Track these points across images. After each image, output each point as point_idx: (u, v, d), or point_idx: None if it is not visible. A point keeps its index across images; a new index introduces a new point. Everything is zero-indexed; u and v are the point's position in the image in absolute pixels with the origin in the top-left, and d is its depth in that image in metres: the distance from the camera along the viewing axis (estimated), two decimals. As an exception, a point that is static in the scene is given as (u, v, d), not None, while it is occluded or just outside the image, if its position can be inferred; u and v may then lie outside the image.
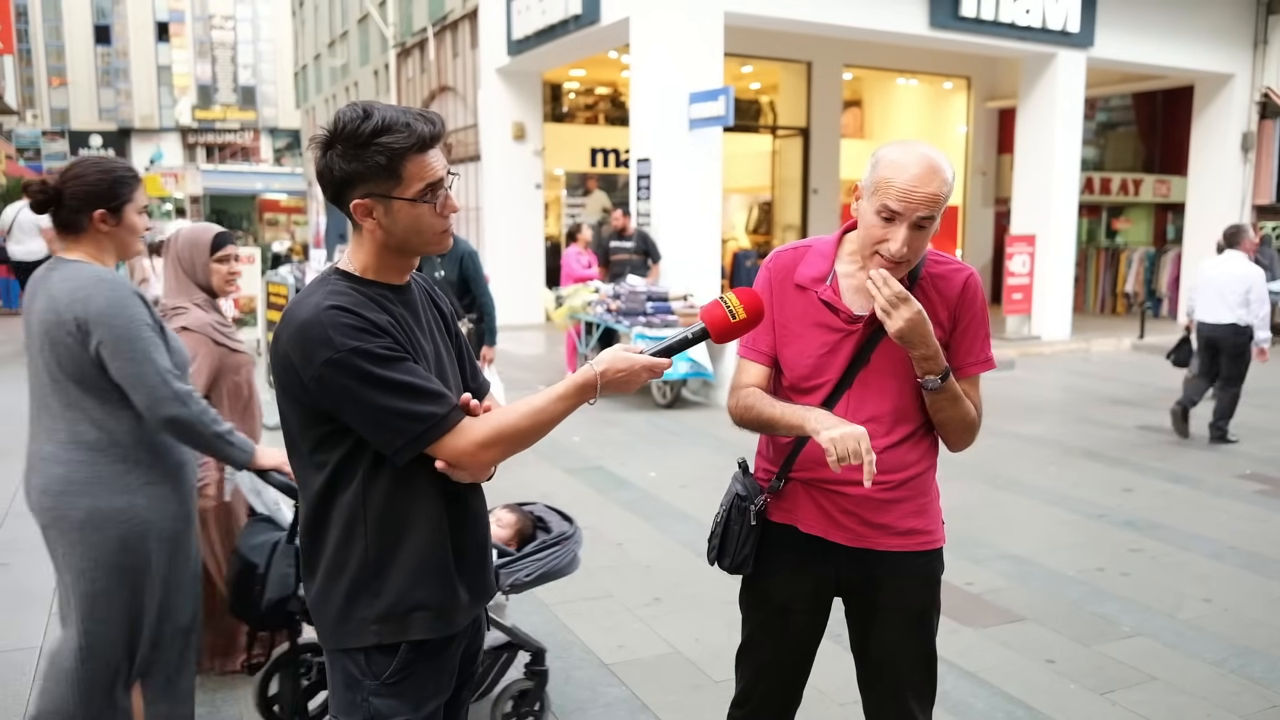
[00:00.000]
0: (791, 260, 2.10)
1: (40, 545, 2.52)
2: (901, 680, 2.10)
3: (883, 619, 2.09)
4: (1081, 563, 4.71)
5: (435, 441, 1.64)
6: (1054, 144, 12.75)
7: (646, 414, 8.17)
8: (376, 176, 1.62)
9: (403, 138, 1.61)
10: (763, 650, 2.18)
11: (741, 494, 2.12)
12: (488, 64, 14.80)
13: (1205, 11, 13.37)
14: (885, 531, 2.03)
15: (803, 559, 2.09)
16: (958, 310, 2.03)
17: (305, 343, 1.60)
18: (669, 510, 5.49)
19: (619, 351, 1.74)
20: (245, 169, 41.33)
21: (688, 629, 3.90)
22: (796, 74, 15.46)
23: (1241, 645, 3.79)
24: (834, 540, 2.05)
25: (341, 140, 1.62)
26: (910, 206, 1.87)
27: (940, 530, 2.12)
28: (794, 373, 2.07)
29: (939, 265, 2.06)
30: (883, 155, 1.94)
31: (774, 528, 2.11)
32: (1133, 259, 15.88)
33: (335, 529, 1.70)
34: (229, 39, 71.71)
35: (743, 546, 2.11)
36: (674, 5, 10.29)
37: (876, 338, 2.00)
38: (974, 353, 2.06)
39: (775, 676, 2.19)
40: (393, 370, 1.61)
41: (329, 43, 29.76)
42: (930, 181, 1.87)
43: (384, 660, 1.71)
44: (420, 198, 1.65)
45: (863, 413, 2.00)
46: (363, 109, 1.62)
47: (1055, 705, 3.31)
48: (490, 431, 1.67)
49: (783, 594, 2.13)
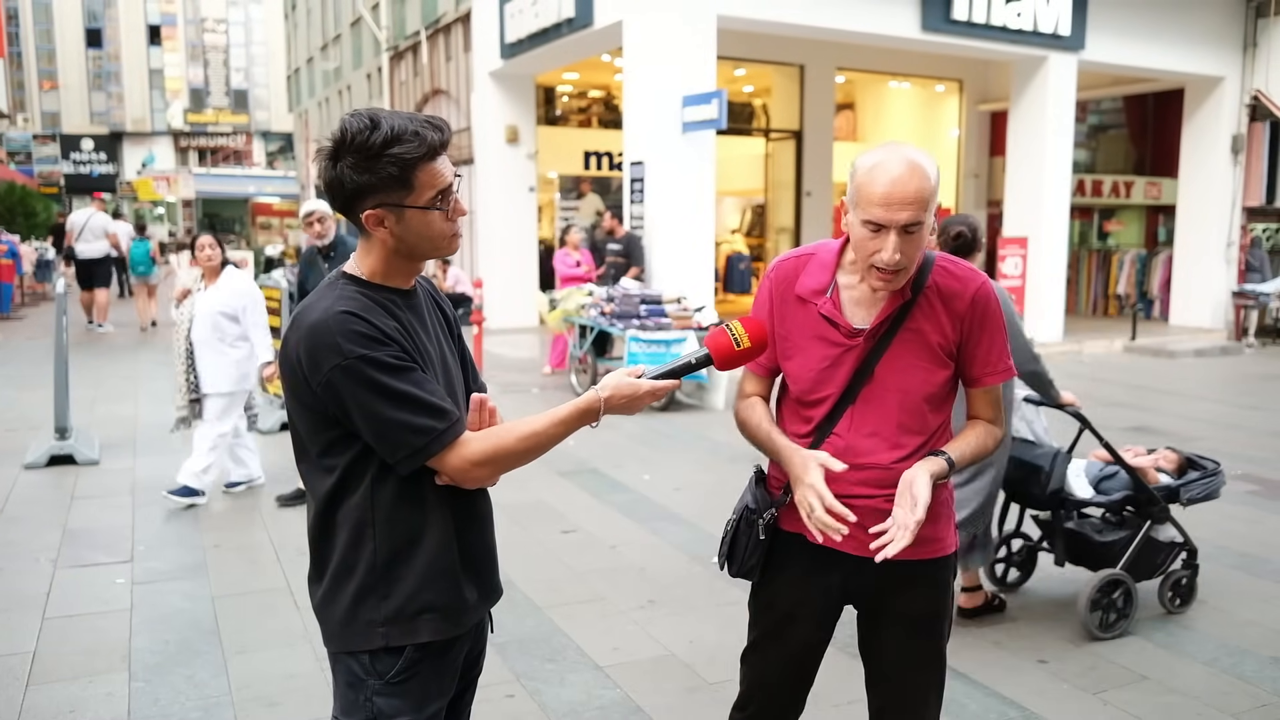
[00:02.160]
0: (793, 270, 2.06)
1: (32, 548, 2.52)
2: (910, 686, 2.10)
3: (892, 626, 2.08)
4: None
5: (435, 455, 1.66)
6: (1045, 147, 12.80)
7: (641, 417, 8.17)
8: (388, 187, 1.63)
9: (413, 147, 1.61)
10: (767, 655, 2.17)
11: (751, 506, 2.11)
12: (481, 67, 14.81)
13: (1195, 15, 13.43)
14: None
15: (811, 568, 2.08)
16: (968, 324, 1.98)
17: (314, 348, 1.61)
18: (663, 513, 5.50)
19: (624, 377, 1.75)
20: (238, 172, 41.23)
21: (682, 631, 3.90)
22: (789, 77, 15.49)
23: (1233, 645, 3.81)
24: (843, 550, 2.03)
25: (351, 152, 1.61)
26: (893, 213, 1.82)
27: (951, 537, 2.10)
28: (798, 386, 2.06)
29: (948, 275, 1.99)
30: (859, 165, 1.89)
31: (784, 536, 2.10)
32: (1124, 261, 15.93)
33: (344, 532, 1.71)
34: (221, 42, 71.62)
35: (750, 556, 2.11)
36: (667, 8, 10.31)
37: (879, 351, 1.97)
38: (990, 363, 2.02)
39: (778, 683, 2.18)
40: (399, 380, 1.62)
41: (322, 46, 29.71)
42: (909, 183, 1.81)
43: (389, 660, 1.72)
44: (431, 205, 1.66)
45: (866, 427, 1.98)
46: (369, 118, 1.61)
47: (1048, 705, 3.32)
48: (486, 450, 1.69)
49: (790, 601, 2.12)
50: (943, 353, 1.99)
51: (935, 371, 1.99)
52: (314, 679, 3.45)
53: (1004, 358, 2.04)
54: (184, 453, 6.70)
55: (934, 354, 1.98)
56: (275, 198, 35.22)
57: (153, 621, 3.96)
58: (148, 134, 64.30)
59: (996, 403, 2.09)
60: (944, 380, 2.01)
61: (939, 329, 1.97)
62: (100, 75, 70.11)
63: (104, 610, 4.09)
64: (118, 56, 69.50)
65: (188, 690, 3.38)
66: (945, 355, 1.99)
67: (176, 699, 3.31)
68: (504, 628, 3.88)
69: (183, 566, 4.61)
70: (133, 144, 60.04)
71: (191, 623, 3.95)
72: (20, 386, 9.21)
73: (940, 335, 1.97)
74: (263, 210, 34.93)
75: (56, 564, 4.57)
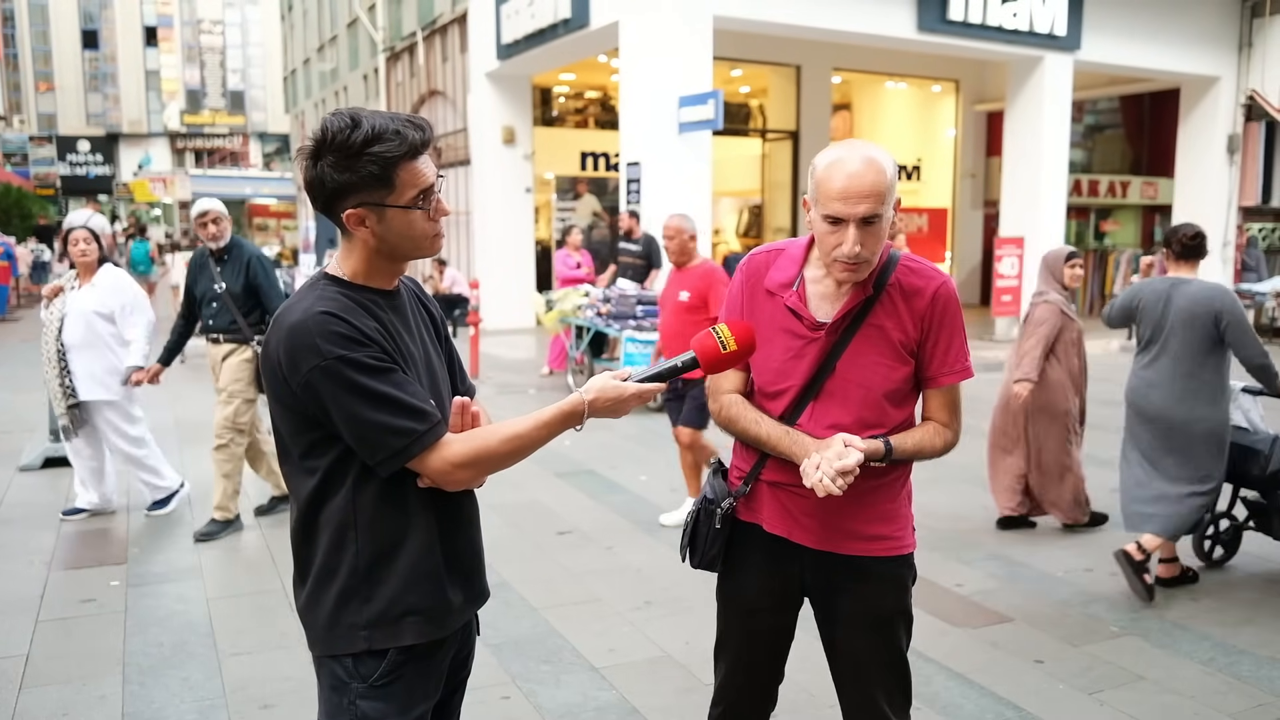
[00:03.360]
0: (764, 264, 2.10)
1: (26, 550, 2.51)
2: (871, 682, 2.10)
3: (848, 622, 2.10)
4: (1070, 563, 4.72)
5: (415, 457, 1.64)
6: (1042, 147, 12.82)
7: (637, 418, 8.16)
8: (369, 186, 1.62)
9: (394, 146, 1.60)
10: (733, 648, 2.20)
11: (709, 496, 2.14)
12: (477, 68, 14.80)
13: (1191, 15, 13.46)
14: (849, 535, 2.04)
15: (769, 559, 2.11)
16: (927, 321, 2.00)
17: (293, 349, 1.60)
18: (659, 514, 5.49)
19: (608, 380, 1.74)
20: (234, 174, 41.26)
21: (678, 632, 3.90)
22: (786, 77, 15.51)
23: (1229, 644, 3.81)
24: (797, 541, 2.06)
25: (332, 150, 1.60)
26: (849, 206, 1.86)
27: (909, 536, 2.11)
28: (760, 377, 2.08)
29: (910, 274, 2.01)
30: (818, 162, 1.94)
31: (742, 526, 2.13)
32: (1120, 260, 15.96)
33: (326, 534, 1.70)
34: (217, 44, 71.60)
35: (710, 546, 2.14)
36: (663, 9, 10.31)
37: (841, 346, 1.99)
38: (948, 363, 2.03)
39: (747, 675, 2.20)
40: (378, 381, 1.61)
41: (318, 47, 29.68)
42: (864, 176, 1.85)
43: (372, 663, 1.71)
44: (413, 204, 1.65)
45: (826, 420, 2.00)
46: (350, 117, 1.61)
47: (1044, 705, 3.31)
48: (468, 453, 1.67)
49: (749, 592, 2.15)
50: (903, 349, 2.00)
51: (896, 367, 2.01)
52: (309, 681, 3.41)
53: (962, 358, 2.05)
54: (180, 456, 6.69)
55: (895, 350, 2.00)
56: (272, 199, 35.22)
57: (147, 624, 3.95)
58: (144, 135, 64.28)
59: (953, 406, 2.08)
60: (904, 376, 2.02)
61: (900, 326, 1.99)
62: (96, 77, 70.08)
63: (98, 613, 4.07)
64: (114, 58, 69.47)
65: (182, 692, 3.37)
66: (906, 352, 2.01)
67: (171, 701, 3.30)
68: (500, 629, 3.88)
69: (177, 569, 4.59)
70: (129, 145, 60.00)
71: (186, 625, 3.94)
72: (15, 389, 9.20)
73: (901, 332, 1.99)
74: (259, 212, 34.93)
75: (50, 566, 4.56)
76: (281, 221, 33.84)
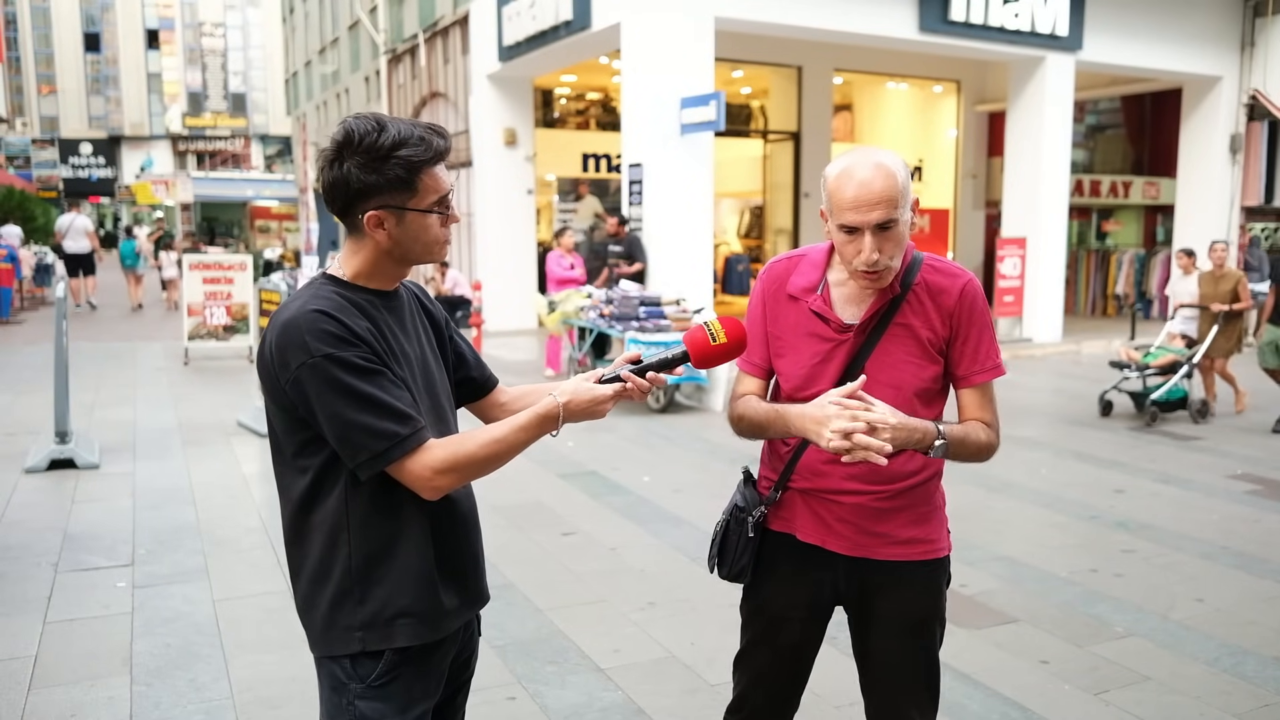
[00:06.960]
0: (784, 271, 2.09)
1: (33, 552, 2.52)
2: (901, 689, 2.09)
3: (882, 628, 2.07)
4: (1074, 564, 4.73)
5: (395, 461, 1.63)
6: (1043, 147, 12.81)
7: (640, 419, 8.17)
8: (394, 188, 1.64)
9: (420, 150, 1.63)
10: (760, 658, 2.17)
11: (740, 504, 2.12)
12: (479, 70, 14.81)
13: (1193, 15, 13.46)
14: (884, 540, 2.02)
15: (801, 568, 2.08)
16: (956, 319, 2.00)
17: (284, 346, 1.62)
18: (663, 515, 5.50)
19: (582, 382, 1.73)
20: (236, 176, 41.22)
21: (683, 633, 3.91)
22: (787, 78, 15.51)
23: (1234, 645, 3.81)
24: (831, 549, 2.04)
25: (360, 152, 1.62)
26: (863, 214, 1.85)
27: (945, 539, 2.10)
28: (789, 383, 2.06)
29: (935, 272, 2.01)
30: (828, 173, 1.93)
31: (772, 536, 2.11)
32: (1123, 261, 15.95)
33: (319, 535, 1.70)
34: (219, 46, 71.63)
35: (740, 556, 2.11)
36: (665, 10, 10.32)
37: (869, 346, 1.98)
38: (979, 360, 2.02)
39: (771, 685, 2.17)
40: (364, 382, 1.61)
41: (320, 49, 29.70)
42: (875, 183, 1.84)
43: (369, 664, 1.71)
44: (432, 209, 1.68)
45: None
46: (376, 121, 1.63)
47: (1049, 706, 3.32)
48: (447, 458, 1.65)
49: (780, 602, 2.11)
50: (932, 348, 2.00)
51: (925, 366, 2.00)
52: (315, 682, 3.44)
53: (993, 355, 2.03)
54: (185, 458, 6.71)
55: (923, 348, 1.99)
56: (273, 201, 35.20)
57: (154, 625, 3.96)
58: (146, 138, 64.36)
59: (990, 404, 2.05)
60: (934, 375, 2.01)
61: (928, 324, 1.98)
62: (98, 79, 70.14)
63: (105, 614, 4.08)
64: (116, 61, 69.53)
65: (189, 694, 3.38)
66: (934, 350, 2.00)
67: (178, 702, 3.31)
68: (505, 630, 3.89)
69: (183, 570, 4.60)
70: (131, 148, 60.08)
71: (193, 626, 3.95)
72: (20, 391, 9.21)
73: (929, 330, 1.98)
74: (261, 214, 34.91)
75: (57, 568, 4.57)
76: (283, 223, 33.82)
